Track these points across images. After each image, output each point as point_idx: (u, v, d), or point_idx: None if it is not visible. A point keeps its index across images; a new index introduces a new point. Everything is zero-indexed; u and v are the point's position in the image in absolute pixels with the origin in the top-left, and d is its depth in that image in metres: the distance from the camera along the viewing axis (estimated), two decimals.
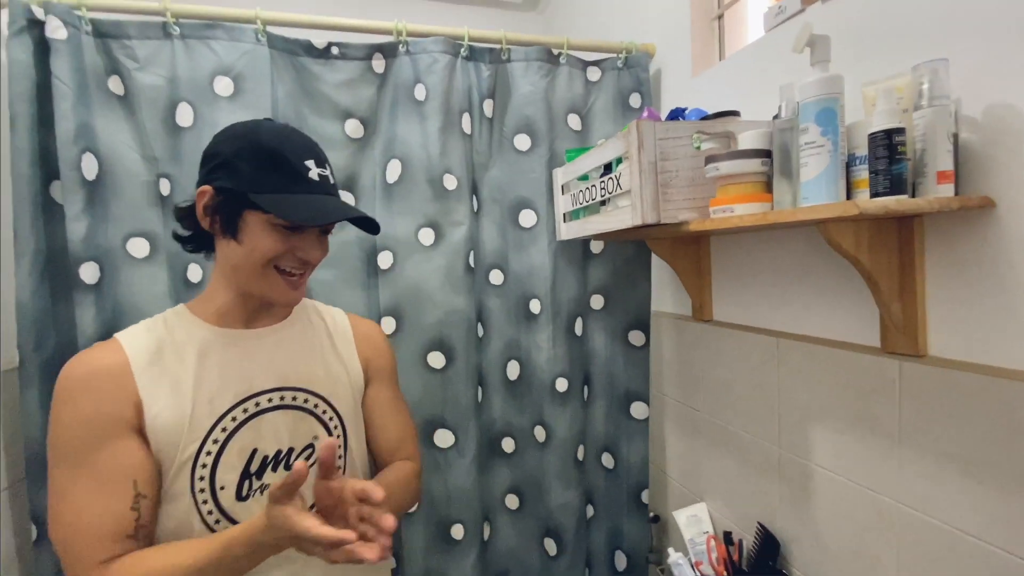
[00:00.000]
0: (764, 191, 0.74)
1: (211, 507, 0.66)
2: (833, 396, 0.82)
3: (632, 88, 1.24)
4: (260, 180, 0.65)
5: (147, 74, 0.99)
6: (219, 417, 0.67)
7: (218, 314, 0.71)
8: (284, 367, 0.73)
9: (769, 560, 0.93)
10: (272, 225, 0.66)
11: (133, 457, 0.63)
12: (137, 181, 1.01)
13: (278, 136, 0.68)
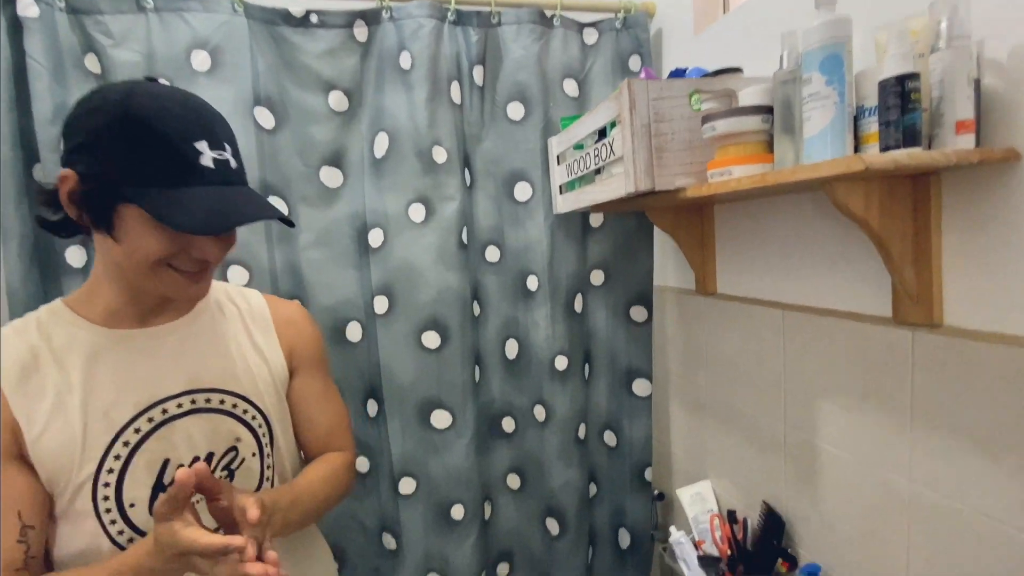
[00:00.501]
0: (765, 151, 0.69)
1: (121, 527, 0.59)
2: (841, 370, 0.77)
3: (631, 50, 1.17)
4: (135, 168, 0.53)
5: (123, 50, 0.96)
6: (119, 431, 0.59)
7: (106, 313, 0.60)
8: (193, 367, 0.64)
9: (774, 539, 0.90)
10: (153, 222, 0.53)
11: (13, 487, 0.55)
12: None
13: (157, 106, 0.54)
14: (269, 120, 1.04)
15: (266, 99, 1.03)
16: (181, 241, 0.56)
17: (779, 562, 0.89)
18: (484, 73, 1.13)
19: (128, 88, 0.55)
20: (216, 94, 0.98)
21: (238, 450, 0.66)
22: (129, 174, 0.53)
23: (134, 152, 0.53)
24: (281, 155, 1.06)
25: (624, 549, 1.29)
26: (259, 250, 1.02)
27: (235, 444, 0.66)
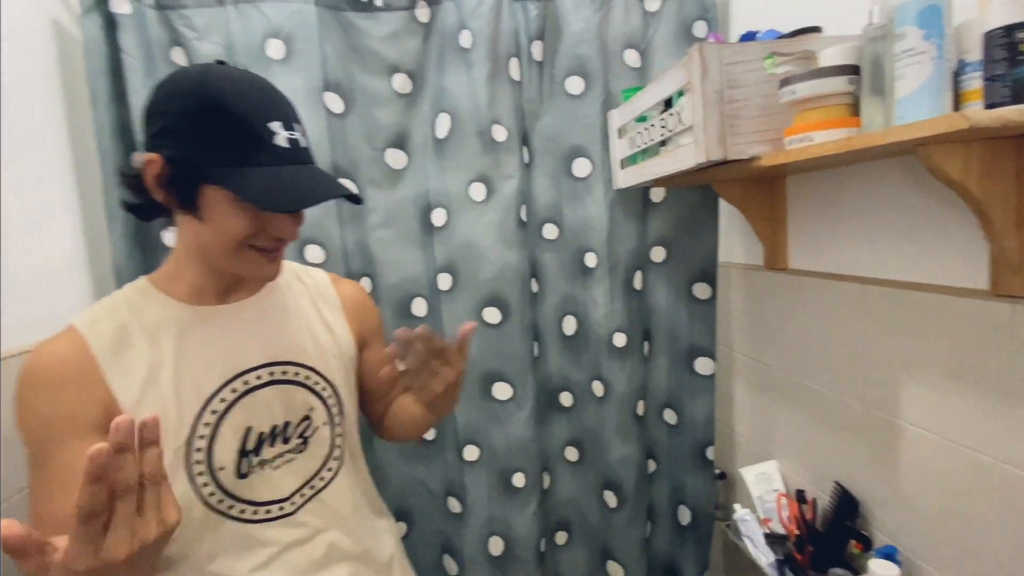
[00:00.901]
0: (850, 114, 0.65)
1: (212, 489, 0.63)
2: (928, 347, 0.73)
3: (697, 15, 1.12)
4: (215, 148, 0.55)
5: (206, 43, 1.02)
6: (207, 400, 0.62)
7: (189, 291, 0.63)
8: (270, 341, 0.67)
9: (847, 520, 0.87)
10: (237, 202, 0.56)
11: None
12: None
13: (231, 88, 0.56)
14: (338, 104, 1.08)
15: (335, 84, 1.07)
16: (261, 220, 0.58)
17: (852, 543, 0.87)
18: (543, 48, 1.13)
19: (202, 71, 0.58)
20: (289, 81, 1.03)
21: (311, 419, 0.70)
22: (210, 155, 0.55)
23: (213, 133, 0.54)
24: (350, 139, 1.10)
25: (684, 526, 1.28)
26: (332, 230, 1.08)
27: (308, 414, 0.69)
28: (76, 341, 0.58)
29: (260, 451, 0.65)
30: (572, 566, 1.30)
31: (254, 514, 0.65)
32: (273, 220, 0.59)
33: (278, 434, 0.67)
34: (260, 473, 0.65)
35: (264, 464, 0.66)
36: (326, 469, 0.71)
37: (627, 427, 1.23)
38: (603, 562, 1.28)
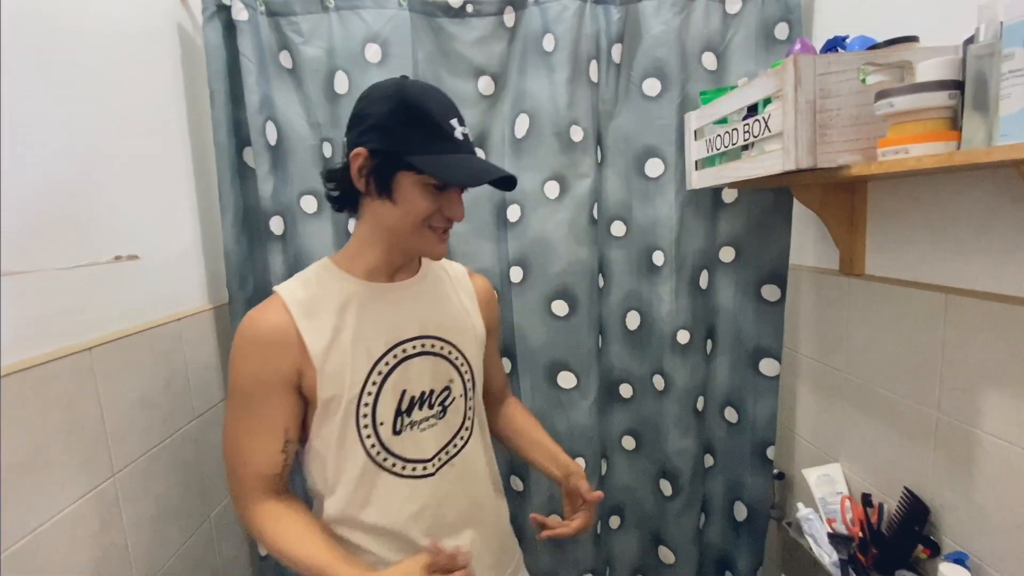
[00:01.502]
0: (948, 128, 0.66)
1: (374, 440, 0.74)
2: (1013, 359, 0.74)
3: (779, 17, 1.12)
4: (411, 141, 0.67)
5: (310, 47, 1.11)
6: (375, 362, 0.74)
7: (366, 270, 0.75)
8: (424, 317, 0.79)
9: (915, 525, 0.89)
10: (424, 186, 0.69)
11: (288, 410, 0.72)
12: (305, 145, 1.15)
13: (424, 95, 0.70)
14: None
15: None
16: (440, 201, 0.70)
17: (919, 548, 0.88)
18: (622, 51, 1.16)
19: (399, 82, 0.71)
20: None
21: (450, 390, 0.80)
22: (407, 145, 0.67)
23: (411, 128, 0.67)
24: None
25: (739, 522, 1.31)
26: None
27: (448, 384, 0.80)
28: (281, 308, 0.71)
29: (411, 412, 0.76)
30: (625, 549, 1.36)
31: (403, 469, 0.76)
32: (448, 202, 0.71)
33: (425, 399, 0.78)
34: (410, 433, 0.76)
35: (413, 425, 0.77)
36: (459, 437, 0.81)
37: (686, 421, 1.26)
38: (655, 547, 1.33)
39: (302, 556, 0.68)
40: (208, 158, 1.12)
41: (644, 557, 1.35)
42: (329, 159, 1.15)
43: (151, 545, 0.89)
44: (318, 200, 1.17)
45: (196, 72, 1.11)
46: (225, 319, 1.16)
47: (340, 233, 1.17)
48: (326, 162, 1.15)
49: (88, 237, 0.81)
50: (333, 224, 1.17)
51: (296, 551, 0.69)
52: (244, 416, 0.72)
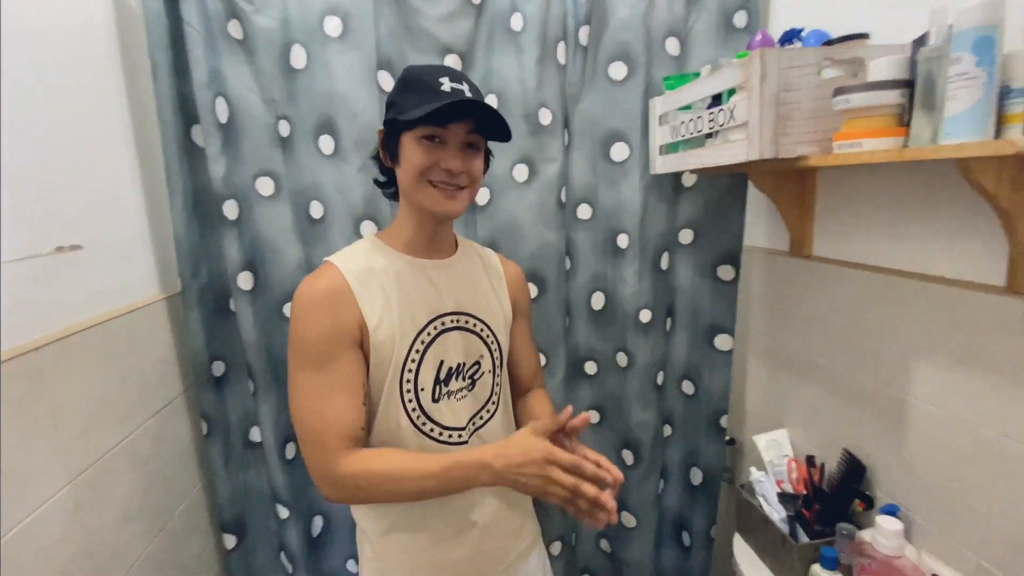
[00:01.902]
0: (897, 124, 0.71)
1: (415, 405, 0.79)
2: (943, 334, 0.83)
3: (738, 5, 1.15)
4: (406, 103, 0.73)
5: (262, 16, 1.04)
6: (419, 331, 0.79)
7: (406, 244, 0.81)
8: (460, 294, 0.84)
9: (853, 483, 0.99)
10: (419, 140, 0.73)
11: (360, 365, 0.75)
12: (259, 123, 1.09)
13: (420, 68, 0.77)
14: (389, 83, 1.11)
15: (387, 63, 1.09)
16: (437, 154, 0.74)
17: (856, 502, 0.99)
18: (589, 33, 1.15)
19: (407, 67, 0.79)
20: (345, 59, 1.06)
21: (480, 365, 0.85)
22: (401, 109, 0.73)
23: (405, 94, 0.74)
24: None
25: (695, 486, 1.41)
26: (384, 207, 1.12)
27: (479, 360, 0.85)
28: (337, 275, 0.76)
29: (448, 383, 0.82)
30: None
31: (440, 435, 0.81)
32: (443, 155, 0.74)
33: (460, 371, 0.83)
34: (447, 401, 0.82)
35: (450, 395, 0.82)
36: (485, 410, 0.86)
37: (647, 395, 1.32)
38: (618, 512, 1.41)
39: (423, 467, 0.71)
40: (152, 137, 1.04)
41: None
42: (288, 138, 1.10)
43: (115, 549, 0.85)
44: (275, 182, 1.12)
45: (135, 41, 1.01)
46: (178, 309, 1.10)
47: (301, 217, 1.13)
48: (285, 141, 1.09)
49: (25, 228, 0.74)
50: (292, 207, 1.13)
51: (418, 465, 0.71)
52: (320, 379, 0.73)
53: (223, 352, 1.16)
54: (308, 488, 1.26)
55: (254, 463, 1.24)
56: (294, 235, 1.14)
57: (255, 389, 1.17)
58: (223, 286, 1.13)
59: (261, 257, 1.13)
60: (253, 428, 1.23)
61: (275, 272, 1.14)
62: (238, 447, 1.21)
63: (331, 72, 1.06)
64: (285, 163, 1.11)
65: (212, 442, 1.14)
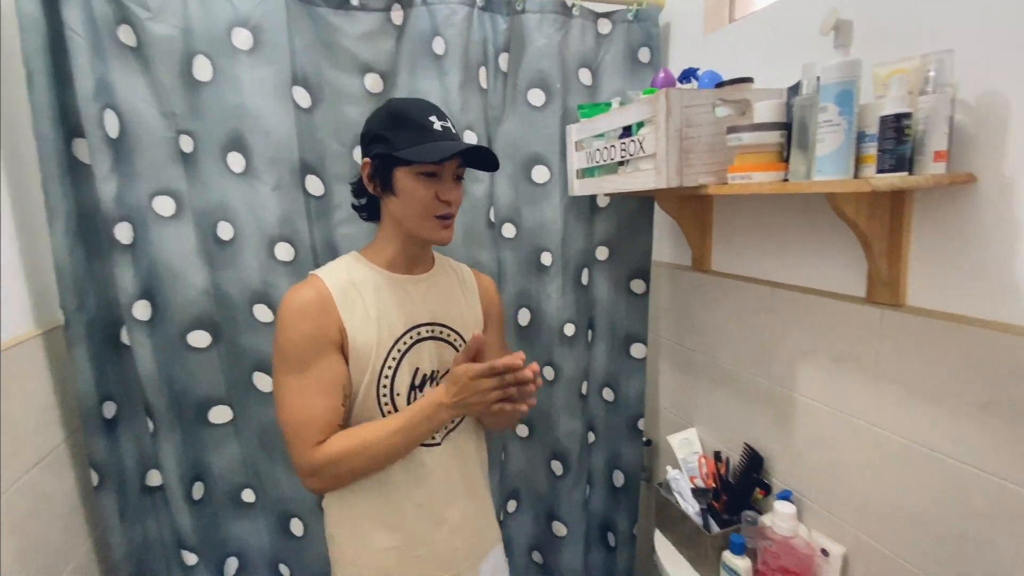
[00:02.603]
0: (779, 160, 0.82)
1: (391, 408, 0.85)
2: (820, 338, 0.96)
3: (642, 42, 1.26)
4: (399, 140, 0.79)
5: (159, 24, 0.96)
6: (396, 340, 0.84)
7: (388, 262, 0.87)
8: (435, 307, 0.89)
9: (754, 473, 1.10)
10: (417, 175, 0.80)
11: (341, 367, 0.81)
12: (156, 138, 1.00)
13: (406, 104, 0.84)
14: (305, 99, 1.07)
15: (303, 79, 1.06)
16: (435, 187, 0.81)
17: (756, 490, 1.11)
18: (509, 59, 1.20)
19: (388, 102, 0.85)
20: (258, 74, 1.01)
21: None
22: (395, 145, 0.79)
23: (398, 130, 0.80)
24: (317, 133, 1.10)
25: (618, 487, 1.49)
26: (302, 228, 1.08)
27: (451, 367, 0.88)
28: (320, 286, 0.82)
29: (422, 389, 0.87)
30: (522, 530, 1.45)
31: None
32: (441, 187, 0.81)
33: (433, 378, 0.89)
34: None
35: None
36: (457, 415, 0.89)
37: (573, 405, 1.38)
38: (549, 523, 1.45)
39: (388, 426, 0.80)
40: (27, 153, 0.91)
41: (539, 534, 1.46)
42: (191, 154, 1.02)
43: None
44: (176, 201, 1.03)
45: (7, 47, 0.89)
46: (59, 345, 0.97)
47: (207, 238, 1.05)
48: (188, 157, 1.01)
49: None
50: (197, 228, 1.04)
51: (384, 426, 0.80)
52: (303, 380, 0.78)
53: (114, 391, 1.04)
54: (220, 528, 1.16)
55: (153, 510, 1.12)
56: (199, 258, 1.05)
57: (155, 429, 1.06)
58: (114, 317, 1.01)
59: (160, 283, 1.03)
60: (151, 472, 1.11)
61: (177, 299, 1.05)
62: (134, 495, 1.08)
63: (240, 86, 1.00)
64: (188, 181, 1.03)
65: (104, 493, 1.02)
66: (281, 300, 0.81)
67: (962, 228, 0.74)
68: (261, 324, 1.07)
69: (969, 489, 0.75)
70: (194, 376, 1.09)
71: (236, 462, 1.15)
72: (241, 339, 1.07)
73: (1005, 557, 0.71)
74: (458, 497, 0.91)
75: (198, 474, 1.14)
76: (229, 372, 1.10)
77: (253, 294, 1.05)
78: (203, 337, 1.07)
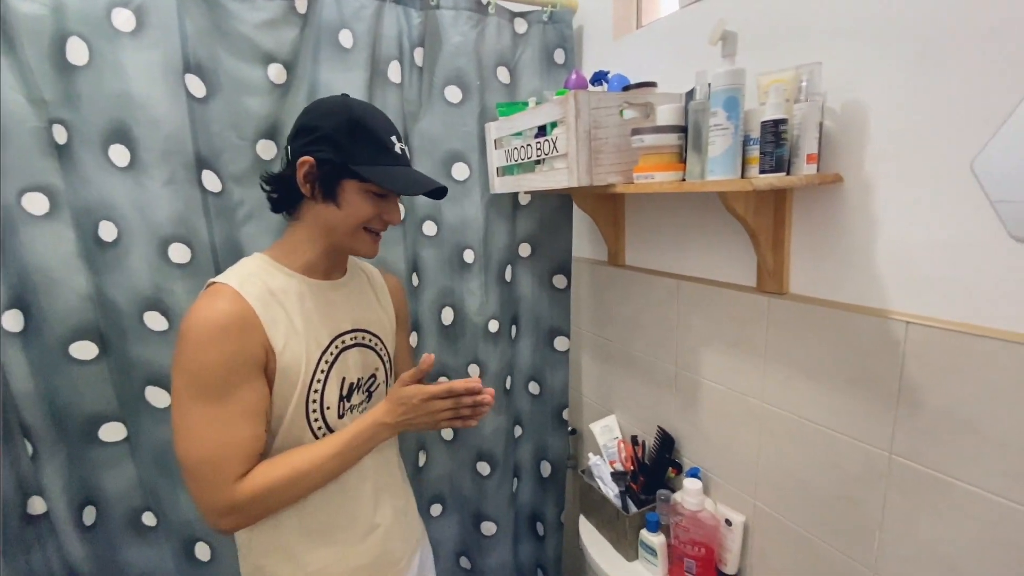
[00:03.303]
0: (678, 161, 0.88)
1: (320, 424, 0.81)
2: (719, 325, 1.03)
3: (557, 44, 1.29)
4: (358, 153, 0.75)
5: (26, 2, 0.85)
6: (323, 351, 0.80)
7: (304, 266, 0.81)
8: (355, 313, 0.87)
9: (666, 454, 1.18)
10: (366, 192, 0.77)
11: (265, 391, 0.74)
12: (25, 128, 0.90)
13: (365, 113, 0.78)
14: (200, 88, 1.00)
15: (196, 66, 0.98)
16: (380, 206, 0.79)
17: (670, 470, 1.18)
18: (424, 55, 1.18)
19: (343, 99, 0.80)
20: (144, 57, 0.93)
21: (376, 376, 0.91)
22: (353, 157, 0.75)
23: (357, 142, 0.75)
24: (213, 126, 1.03)
25: (545, 478, 1.52)
26: (199, 227, 1.00)
27: (375, 372, 0.90)
28: (238, 299, 0.72)
29: (351, 398, 0.85)
30: (447, 534, 1.45)
31: None
32: (387, 208, 0.80)
33: (360, 386, 0.87)
34: (349, 416, 0.85)
35: (352, 409, 0.85)
36: None
37: (499, 402, 1.40)
38: (477, 525, 1.46)
39: (323, 451, 0.76)
40: None
41: (467, 537, 1.46)
42: (66, 145, 0.92)
43: None
44: (50, 198, 0.93)
45: None
46: None
47: (87, 239, 0.95)
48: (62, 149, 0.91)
49: None
50: (76, 228, 0.94)
51: (318, 452, 0.76)
52: (221, 410, 0.70)
53: None
54: (117, 556, 1.06)
55: (38, 541, 1.00)
56: (80, 261, 0.95)
57: (34, 451, 0.95)
58: None
59: (34, 290, 0.92)
60: (33, 499, 0.99)
61: (54, 306, 0.94)
62: (15, 525, 0.97)
63: (123, 72, 0.92)
64: (63, 176, 0.93)
65: None
66: (188, 314, 0.70)
67: (832, 223, 0.82)
68: (153, 333, 0.98)
69: (844, 456, 0.84)
70: (79, 391, 0.98)
71: (132, 483, 1.06)
72: (131, 350, 0.98)
73: (873, 512, 0.81)
74: (385, 496, 0.90)
75: (88, 498, 1.03)
76: (120, 386, 1.00)
77: (143, 300, 0.97)
78: (88, 348, 0.97)
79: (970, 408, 0.68)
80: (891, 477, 0.77)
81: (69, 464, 1.00)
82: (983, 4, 0.63)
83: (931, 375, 0.72)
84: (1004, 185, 0.63)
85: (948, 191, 0.68)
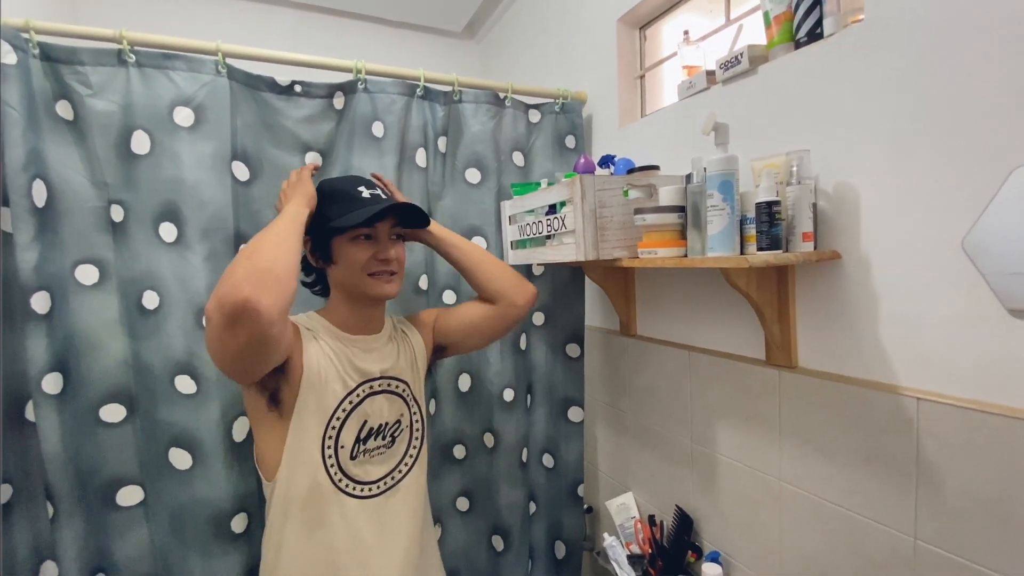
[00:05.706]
0: (679, 238, 0.92)
1: (333, 460, 0.88)
2: (733, 398, 1.03)
3: (568, 131, 1.40)
4: (331, 212, 0.88)
5: (100, 100, 0.99)
6: (349, 392, 0.89)
7: (340, 322, 0.94)
8: (385, 362, 0.96)
9: (685, 535, 1.12)
10: (352, 240, 0.88)
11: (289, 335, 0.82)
12: (86, 207, 1.00)
13: (335, 180, 0.95)
14: (244, 173, 1.11)
15: (242, 154, 1.10)
16: (371, 248, 0.89)
17: (689, 554, 1.12)
18: (447, 142, 1.30)
19: (320, 183, 0.94)
20: (198, 148, 1.04)
21: (400, 422, 0.97)
22: (329, 218, 0.87)
23: (329, 205, 0.88)
24: (254, 205, 1.13)
25: (560, 559, 1.45)
26: None
27: (399, 418, 0.97)
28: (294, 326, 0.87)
29: (367, 442, 0.91)
30: None
31: (353, 489, 0.90)
32: (377, 247, 0.89)
33: (381, 431, 0.94)
34: (363, 459, 0.91)
35: (367, 453, 0.92)
36: (397, 470, 0.96)
37: (513, 474, 1.38)
38: None
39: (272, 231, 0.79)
40: None
41: None
42: (121, 223, 1.02)
43: None
44: (100, 269, 1.02)
45: None
46: None
47: (130, 307, 1.02)
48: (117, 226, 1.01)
49: None
50: (121, 296, 1.02)
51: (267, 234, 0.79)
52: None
53: (12, 472, 0.96)
54: None
55: None
56: (120, 327, 1.02)
57: (54, 513, 0.98)
58: (19, 393, 0.95)
59: (76, 354, 0.99)
60: (46, 563, 1.00)
61: (92, 370, 1.00)
62: None
63: (179, 160, 1.03)
64: (116, 250, 1.02)
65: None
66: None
67: (834, 298, 0.84)
68: (182, 396, 1.03)
69: (864, 538, 0.80)
70: (103, 454, 1.02)
71: (144, 550, 1.06)
72: (159, 412, 1.02)
73: None
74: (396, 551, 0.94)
75: (100, 565, 1.04)
76: (143, 448, 1.04)
77: (176, 364, 1.02)
78: (117, 411, 1.02)
79: (992, 489, 0.66)
80: (917, 564, 0.73)
81: (85, 529, 1.01)
82: (955, 92, 0.68)
83: (949, 454, 0.70)
84: (996, 261, 0.65)
85: (942, 267, 0.70)
